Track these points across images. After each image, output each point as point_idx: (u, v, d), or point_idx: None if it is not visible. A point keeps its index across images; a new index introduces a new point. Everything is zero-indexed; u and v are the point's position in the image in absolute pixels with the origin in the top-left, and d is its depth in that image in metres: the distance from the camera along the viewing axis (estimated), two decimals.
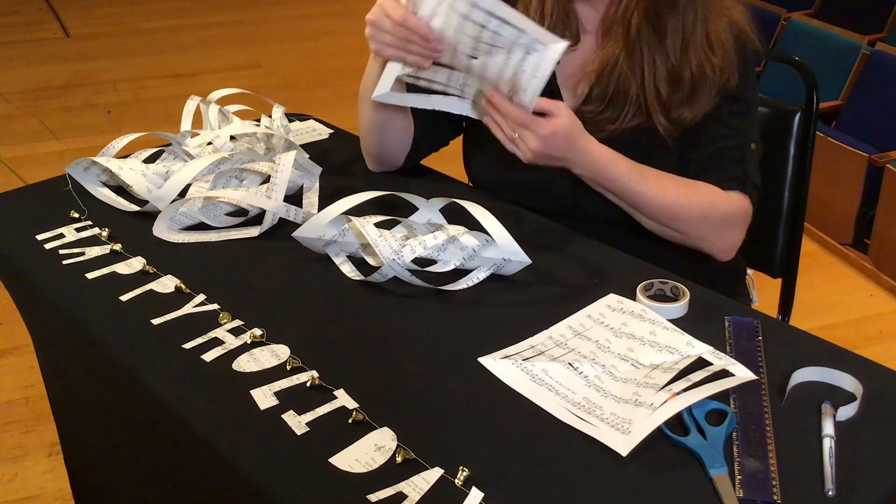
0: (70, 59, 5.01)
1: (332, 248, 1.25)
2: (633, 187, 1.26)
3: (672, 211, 1.27)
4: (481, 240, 1.19)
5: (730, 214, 1.29)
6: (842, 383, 0.99)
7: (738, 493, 0.85)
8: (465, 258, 1.20)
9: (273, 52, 5.15)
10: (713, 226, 1.29)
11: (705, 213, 1.28)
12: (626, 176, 1.25)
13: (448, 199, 1.28)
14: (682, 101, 1.27)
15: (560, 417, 0.95)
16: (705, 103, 1.27)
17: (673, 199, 1.26)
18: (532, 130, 1.17)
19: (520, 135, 1.18)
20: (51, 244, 1.30)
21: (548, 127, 1.17)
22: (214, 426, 0.95)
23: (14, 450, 2.14)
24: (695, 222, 1.28)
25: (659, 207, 1.27)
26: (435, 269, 1.21)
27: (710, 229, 1.30)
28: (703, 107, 1.27)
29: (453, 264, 1.21)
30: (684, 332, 1.06)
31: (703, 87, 1.26)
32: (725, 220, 1.29)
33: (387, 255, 1.17)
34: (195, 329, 1.10)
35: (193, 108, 1.57)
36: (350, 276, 1.21)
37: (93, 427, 1.42)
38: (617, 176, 1.25)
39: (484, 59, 1.16)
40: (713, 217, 1.28)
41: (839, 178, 2.93)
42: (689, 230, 1.29)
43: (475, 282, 1.19)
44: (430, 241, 1.18)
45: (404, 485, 0.86)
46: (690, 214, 1.27)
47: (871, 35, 3.35)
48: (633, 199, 1.27)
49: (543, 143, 1.18)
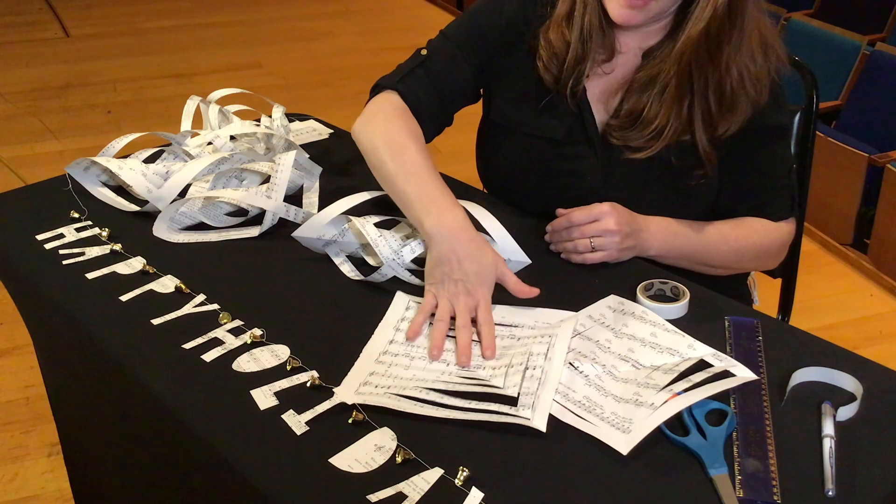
0: (70, 59, 5.01)
1: (331, 247, 1.25)
2: (699, 240, 1.30)
3: (739, 254, 1.34)
4: None
5: (783, 242, 1.37)
6: (842, 383, 0.99)
7: (738, 493, 0.85)
8: None
9: (273, 52, 5.15)
10: (772, 256, 1.38)
11: (766, 249, 1.36)
12: (687, 234, 1.30)
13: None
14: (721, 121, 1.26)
15: (560, 417, 0.95)
16: (741, 117, 1.25)
17: (735, 244, 1.33)
18: (599, 220, 1.21)
19: (592, 235, 1.21)
20: (51, 244, 1.30)
21: (598, 208, 1.21)
22: (214, 426, 0.95)
23: (14, 450, 2.14)
24: (759, 258, 1.37)
25: (727, 253, 1.33)
26: None
27: (771, 259, 1.39)
28: (739, 120, 1.25)
29: None
30: (685, 333, 1.06)
31: (742, 102, 1.24)
32: (782, 248, 1.38)
33: (386, 255, 1.17)
34: (195, 329, 1.10)
35: (193, 108, 1.57)
36: (350, 275, 1.21)
37: (93, 427, 1.41)
38: (682, 231, 1.29)
39: None
40: (773, 250, 1.37)
41: (839, 178, 2.93)
42: (752, 264, 1.39)
43: None
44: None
45: (404, 485, 0.86)
46: (756, 252, 1.35)
47: (871, 35, 3.35)
48: (702, 251, 1.31)
49: (614, 217, 1.21)
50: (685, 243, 1.29)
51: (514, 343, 1.06)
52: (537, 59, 1.31)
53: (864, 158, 2.82)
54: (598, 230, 1.20)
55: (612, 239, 1.20)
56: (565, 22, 1.28)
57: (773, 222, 1.34)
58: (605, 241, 1.20)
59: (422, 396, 0.96)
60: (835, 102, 3.19)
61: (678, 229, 1.29)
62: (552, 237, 1.26)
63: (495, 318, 1.10)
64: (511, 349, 1.04)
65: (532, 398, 0.95)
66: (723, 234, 1.31)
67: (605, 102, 1.33)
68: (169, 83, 4.64)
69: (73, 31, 5.53)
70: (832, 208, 3.01)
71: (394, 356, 1.04)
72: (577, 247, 1.21)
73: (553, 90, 1.32)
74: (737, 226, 1.33)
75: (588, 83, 1.31)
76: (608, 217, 1.20)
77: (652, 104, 1.26)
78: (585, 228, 1.21)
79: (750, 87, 1.24)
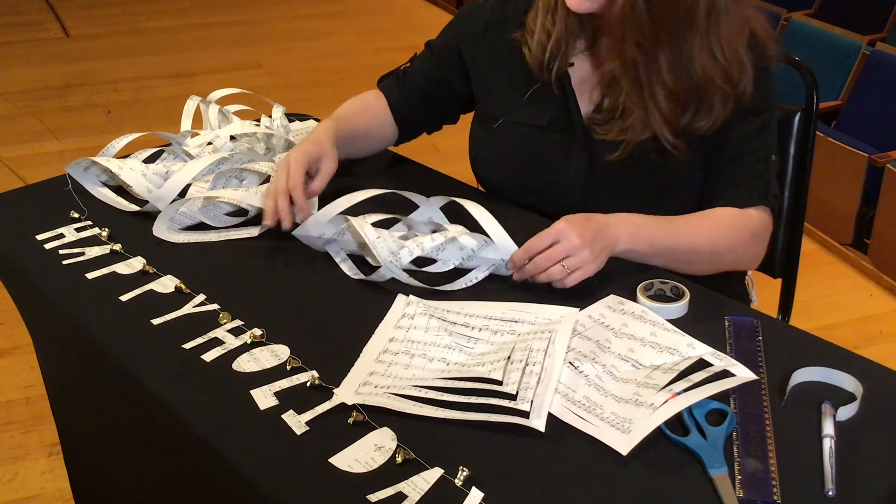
0: (70, 59, 5.01)
1: (332, 246, 1.25)
2: (668, 229, 1.25)
3: (713, 244, 1.28)
4: (480, 240, 1.19)
5: (755, 231, 1.31)
6: (842, 383, 0.99)
7: (738, 493, 0.85)
8: (464, 258, 1.20)
9: (273, 52, 5.15)
10: (745, 245, 1.31)
11: (736, 237, 1.29)
12: (653, 224, 1.24)
13: (448, 198, 1.28)
14: (694, 113, 1.26)
15: (560, 417, 0.95)
16: (721, 112, 1.25)
17: (707, 232, 1.27)
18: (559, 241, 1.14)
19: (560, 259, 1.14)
20: (51, 244, 1.30)
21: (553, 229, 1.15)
22: (214, 426, 0.95)
23: (14, 450, 2.13)
24: (733, 249, 1.30)
25: (701, 243, 1.27)
26: (434, 269, 1.21)
27: (747, 250, 1.32)
28: (719, 115, 1.25)
29: (452, 264, 1.21)
30: (685, 332, 1.06)
31: (713, 96, 1.24)
32: (754, 239, 1.31)
33: (384, 257, 1.17)
34: (195, 329, 1.10)
35: (193, 108, 1.57)
36: (350, 275, 1.21)
37: (93, 427, 1.42)
38: (646, 222, 1.24)
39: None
40: (744, 239, 1.30)
41: (839, 178, 2.93)
42: (729, 257, 1.31)
43: (473, 282, 1.19)
44: (428, 244, 1.18)
45: (404, 485, 0.86)
46: (729, 242, 1.29)
47: (871, 35, 3.35)
48: (674, 242, 1.25)
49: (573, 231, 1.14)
50: (654, 234, 1.23)
51: (513, 339, 1.06)
52: (523, 46, 1.35)
53: (864, 158, 2.82)
54: (564, 251, 1.13)
55: (581, 254, 1.14)
56: (544, 10, 1.32)
57: (740, 209, 1.29)
58: (577, 259, 1.13)
59: (422, 395, 0.96)
60: (835, 102, 3.18)
61: (642, 220, 1.24)
62: (520, 275, 1.17)
63: (495, 314, 1.11)
64: (511, 345, 1.04)
65: (531, 393, 0.95)
66: (690, 224, 1.27)
67: (588, 93, 1.35)
68: (169, 83, 4.64)
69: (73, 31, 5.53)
70: (832, 208, 3.01)
71: (394, 355, 1.04)
72: (552, 274, 1.14)
73: (539, 79, 1.35)
74: (705, 216, 1.29)
75: (572, 71, 1.34)
76: (567, 233, 1.14)
77: (625, 95, 1.28)
78: (551, 254, 1.14)
79: (721, 81, 1.23)
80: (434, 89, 1.48)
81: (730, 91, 1.25)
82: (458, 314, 1.12)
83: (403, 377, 1.00)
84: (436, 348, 1.05)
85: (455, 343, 1.06)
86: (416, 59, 1.51)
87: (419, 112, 1.50)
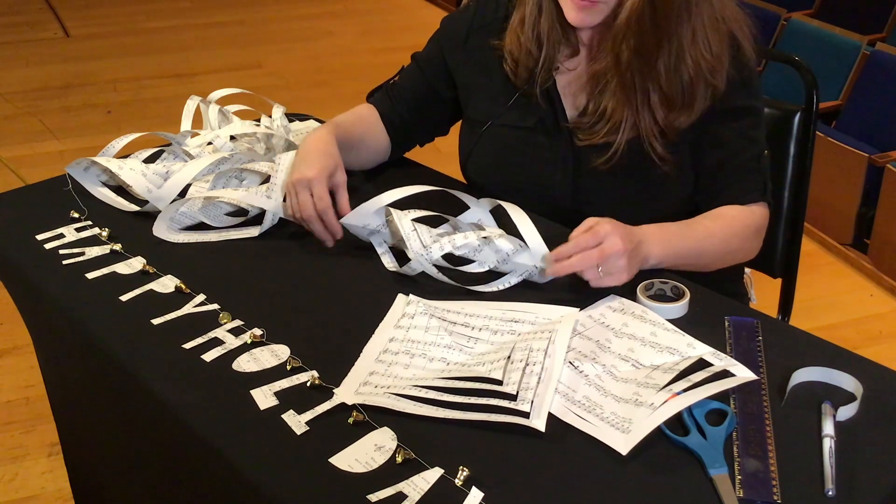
0: (70, 59, 5.01)
1: (375, 237, 1.26)
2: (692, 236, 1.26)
3: (727, 244, 1.30)
4: (515, 244, 1.19)
5: (758, 226, 1.34)
6: (842, 383, 0.99)
7: (738, 493, 0.85)
8: (500, 261, 1.20)
9: (273, 52, 5.15)
10: (749, 239, 1.34)
11: (743, 234, 1.32)
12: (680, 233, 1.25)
13: (496, 201, 1.28)
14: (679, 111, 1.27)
15: (560, 416, 0.95)
16: (700, 105, 1.28)
17: (721, 234, 1.29)
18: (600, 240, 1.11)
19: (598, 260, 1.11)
20: (51, 244, 1.30)
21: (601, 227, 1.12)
22: (214, 426, 0.95)
23: (14, 450, 2.14)
24: (744, 247, 1.33)
25: (717, 245, 1.29)
26: (470, 269, 1.21)
27: (751, 247, 1.35)
28: (699, 109, 1.28)
29: (488, 266, 1.21)
30: (685, 332, 1.06)
31: (698, 91, 1.26)
32: (757, 233, 1.34)
33: (416, 249, 1.17)
34: (195, 329, 1.10)
35: (193, 108, 1.57)
36: (388, 266, 1.22)
37: (93, 427, 1.42)
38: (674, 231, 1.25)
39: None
40: (749, 234, 1.33)
41: (839, 178, 2.93)
42: (738, 255, 1.34)
43: (506, 286, 1.18)
44: (460, 240, 1.18)
45: (404, 485, 0.86)
46: (741, 239, 1.31)
47: (871, 35, 3.35)
48: (697, 249, 1.27)
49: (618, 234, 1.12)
50: (681, 244, 1.26)
51: (514, 339, 1.06)
52: (503, 63, 1.38)
53: (864, 158, 2.82)
54: (606, 255, 1.11)
55: (620, 262, 1.11)
56: (520, 28, 1.34)
57: (744, 206, 1.31)
58: (614, 266, 1.12)
59: (422, 395, 0.96)
60: (835, 102, 3.19)
61: (669, 234, 1.24)
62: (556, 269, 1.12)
63: (496, 314, 1.11)
64: (511, 345, 1.04)
65: (531, 393, 0.95)
66: (707, 228, 1.29)
67: (573, 97, 1.36)
68: (169, 83, 4.64)
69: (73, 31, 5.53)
70: (832, 208, 3.01)
71: (394, 355, 1.04)
72: (587, 274, 1.12)
73: (523, 91, 1.37)
74: (716, 217, 1.31)
75: (557, 76, 1.36)
76: (613, 237, 1.11)
77: (611, 98, 1.29)
78: (594, 254, 1.11)
79: (709, 75, 1.25)
80: (423, 99, 1.49)
81: (711, 81, 1.26)
82: (458, 314, 1.12)
83: (403, 377, 1.00)
84: (436, 348, 1.05)
85: (455, 343, 1.06)
86: (403, 71, 1.52)
87: (410, 123, 1.50)
